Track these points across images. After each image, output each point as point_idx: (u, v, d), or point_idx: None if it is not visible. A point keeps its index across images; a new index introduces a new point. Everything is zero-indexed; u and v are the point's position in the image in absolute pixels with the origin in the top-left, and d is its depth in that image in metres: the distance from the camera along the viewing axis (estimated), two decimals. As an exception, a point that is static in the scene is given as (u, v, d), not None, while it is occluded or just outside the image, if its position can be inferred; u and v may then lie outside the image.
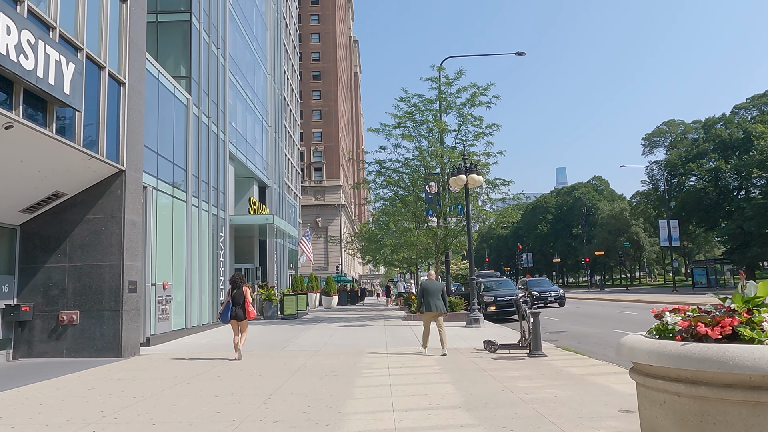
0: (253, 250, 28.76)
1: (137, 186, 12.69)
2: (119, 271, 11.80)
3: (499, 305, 22.44)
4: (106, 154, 11.41)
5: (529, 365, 9.64)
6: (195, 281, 18.00)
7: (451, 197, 22.95)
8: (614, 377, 8.34)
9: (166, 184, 15.93)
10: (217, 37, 21.43)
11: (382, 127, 22.37)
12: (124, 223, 11.96)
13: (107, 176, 11.95)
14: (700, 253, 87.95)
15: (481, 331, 16.78)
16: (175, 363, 10.79)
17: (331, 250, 79.16)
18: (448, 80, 21.92)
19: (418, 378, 8.51)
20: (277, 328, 19.07)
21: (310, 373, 9.24)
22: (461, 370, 9.23)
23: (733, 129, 58.66)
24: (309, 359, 10.94)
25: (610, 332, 16.60)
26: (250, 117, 27.65)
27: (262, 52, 30.87)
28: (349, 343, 13.80)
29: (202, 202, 18.94)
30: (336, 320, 22.70)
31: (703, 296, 36.63)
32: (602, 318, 22.38)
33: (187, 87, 18.26)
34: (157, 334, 14.56)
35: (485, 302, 22.40)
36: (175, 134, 16.82)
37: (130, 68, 12.56)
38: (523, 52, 26.77)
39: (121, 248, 11.86)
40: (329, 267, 76.66)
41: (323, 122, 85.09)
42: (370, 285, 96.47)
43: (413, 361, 10.33)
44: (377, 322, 21.32)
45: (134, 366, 10.52)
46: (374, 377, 8.70)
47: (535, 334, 10.85)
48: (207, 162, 19.76)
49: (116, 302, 11.72)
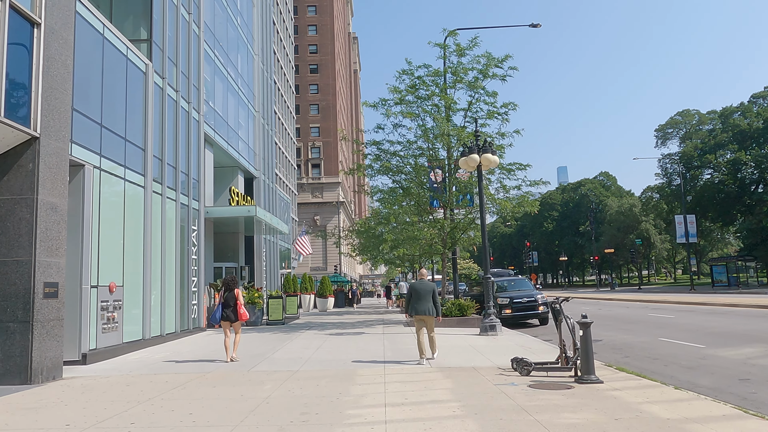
0: (238, 247, 25.85)
1: (60, 160, 9.79)
2: (29, 269, 8.90)
3: (515, 308, 19.51)
4: (4, 113, 8.49)
5: (587, 400, 6.73)
6: (157, 282, 15.10)
7: (460, 185, 20.00)
8: (728, 424, 5.43)
9: (116, 165, 13.03)
10: (188, 0, 18.54)
11: (380, 102, 19.38)
12: (38, 207, 9.06)
13: (14, 145, 9.06)
14: (713, 251, 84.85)
15: (500, 340, 13.88)
16: (97, 392, 7.90)
17: (329, 250, 76.33)
18: (460, 49, 18.87)
19: (431, 428, 5.60)
20: (257, 338, 16.17)
21: (270, 416, 6.33)
22: (490, 410, 6.32)
23: (752, 118, 55.61)
24: (278, 387, 8.03)
25: (656, 341, 13.68)
26: (233, 98, 24.74)
27: (247, 29, 27.96)
28: (337, 359, 10.89)
29: (167, 189, 16.03)
30: (328, 326, 19.78)
31: (735, 295, 33.58)
32: (637, 322, 19.44)
33: (147, 52, 15.35)
34: (99, 348, 11.66)
35: (499, 305, 19.49)
36: (129, 106, 13.92)
37: (50, 6, 9.67)
38: (538, 23, 23.84)
39: (33, 240, 8.96)
40: (328, 267, 73.76)
41: (321, 117, 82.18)
42: (371, 285, 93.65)
43: (420, 391, 7.41)
44: (375, 328, 18.40)
45: (35, 399, 7.61)
46: (364, 425, 5.79)
47: (586, 353, 7.93)
48: (175, 143, 16.86)
49: (25, 311, 8.82)
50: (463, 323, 17.52)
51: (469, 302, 18.37)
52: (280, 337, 16.29)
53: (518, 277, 22.86)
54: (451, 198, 19.71)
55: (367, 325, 19.58)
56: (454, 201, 20.17)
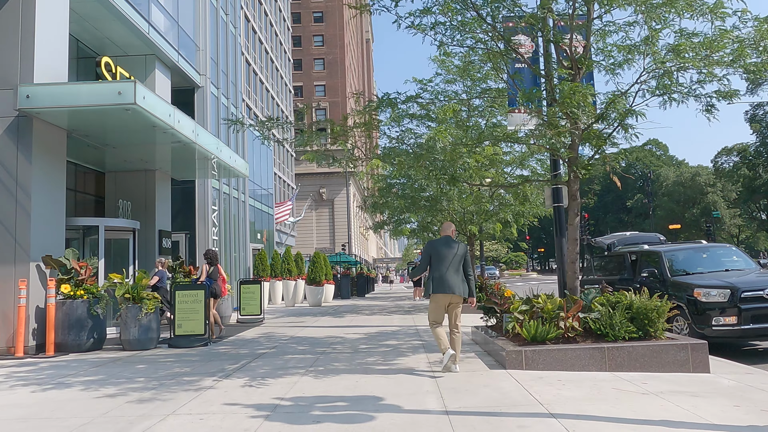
0: (154, 196, 14.51)
1: None
2: None
3: (755, 313, 7.98)
4: None
5: None
6: None
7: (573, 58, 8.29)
8: None
9: None
10: None
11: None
12: None
13: None
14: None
15: None
16: None
17: (338, 227, 65.21)
18: None
19: None
20: (81, 399, 4.82)
21: None
22: None
23: None
24: None
25: None
26: None
27: None
28: None
29: None
30: (299, 354, 8.43)
31: None
32: None
33: None
34: None
35: (703, 304, 8.09)
36: None
37: None
38: None
39: None
40: (335, 247, 62.58)
41: (327, 74, 70.41)
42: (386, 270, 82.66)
43: None
44: (408, 358, 7.03)
45: None
46: None
47: None
48: None
49: None
50: (656, 360, 6.08)
51: (662, 303, 6.89)
52: (139, 405, 4.88)
53: (706, 245, 10.83)
54: (554, 90, 8.08)
55: (389, 350, 8.18)
56: (563, 92, 8.46)
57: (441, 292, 6.58)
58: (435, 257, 6.73)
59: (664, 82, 8.51)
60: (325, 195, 67.15)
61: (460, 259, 6.73)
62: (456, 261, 6.70)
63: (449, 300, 6.65)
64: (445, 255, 6.68)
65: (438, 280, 6.62)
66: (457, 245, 6.81)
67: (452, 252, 6.71)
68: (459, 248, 6.79)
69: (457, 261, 6.70)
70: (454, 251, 6.72)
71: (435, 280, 6.66)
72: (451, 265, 6.67)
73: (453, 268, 6.67)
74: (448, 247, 6.75)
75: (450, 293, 6.58)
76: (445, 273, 6.62)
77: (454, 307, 6.71)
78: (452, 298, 6.64)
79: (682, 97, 8.78)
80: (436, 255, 6.72)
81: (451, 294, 6.59)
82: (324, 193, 67.17)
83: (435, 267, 6.70)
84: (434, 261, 6.73)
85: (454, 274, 6.64)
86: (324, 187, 67.33)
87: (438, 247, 6.75)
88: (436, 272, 6.67)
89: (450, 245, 6.79)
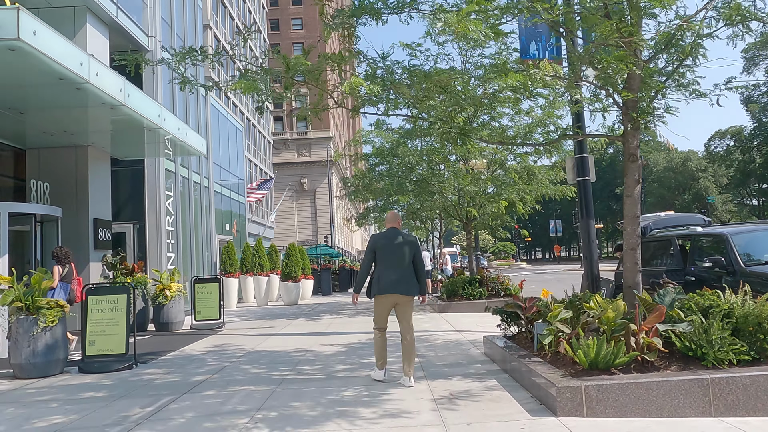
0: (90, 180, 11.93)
1: None
2: None
3: None
4: None
5: None
6: None
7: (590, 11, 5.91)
8: None
9: None
10: None
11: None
12: None
13: None
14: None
15: None
16: None
17: (320, 218, 62.76)
18: None
19: None
20: None
21: None
22: None
23: None
24: None
25: None
26: None
27: None
28: None
29: None
30: (251, 383, 6.09)
31: None
32: None
33: None
34: None
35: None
36: None
37: None
38: None
39: None
40: (318, 240, 60.06)
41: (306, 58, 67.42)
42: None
43: None
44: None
45: None
46: None
47: None
48: None
49: None
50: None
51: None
52: None
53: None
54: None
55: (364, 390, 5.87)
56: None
57: (384, 292, 5.86)
58: (380, 253, 5.99)
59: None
60: (306, 185, 64.55)
61: (410, 253, 5.96)
62: (404, 256, 5.93)
63: (395, 300, 5.91)
64: (392, 249, 5.94)
65: (382, 279, 5.89)
66: (405, 238, 6.07)
67: (399, 246, 5.96)
68: (408, 241, 6.02)
69: (405, 256, 5.93)
70: (402, 245, 5.96)
71: (378, 278, 5.95)
72: (399, 260, 5.93)
73: (401, 264, 5.93)
74: (395, 240, 6.00)
75: (394, 293, 5.83)
76: (390, 270, 5.89)
77: (403, 309, 5.92)
78: (398, 298, 5.88)
79: (763, 26, 6.58)
80: (381, 250, 5.98)
81: (396, 294, 5.83)
82: (305, 183, 64.57)
83: (380, 264, 5.99)
84: (379, 257, 6.00)
85: (401, 271, 5.91)
86: (305, 177, 64.73)
87: (382, 241, 6.01)
88: (380, 269, 5.95)
89: (396, 238, 6.04)
